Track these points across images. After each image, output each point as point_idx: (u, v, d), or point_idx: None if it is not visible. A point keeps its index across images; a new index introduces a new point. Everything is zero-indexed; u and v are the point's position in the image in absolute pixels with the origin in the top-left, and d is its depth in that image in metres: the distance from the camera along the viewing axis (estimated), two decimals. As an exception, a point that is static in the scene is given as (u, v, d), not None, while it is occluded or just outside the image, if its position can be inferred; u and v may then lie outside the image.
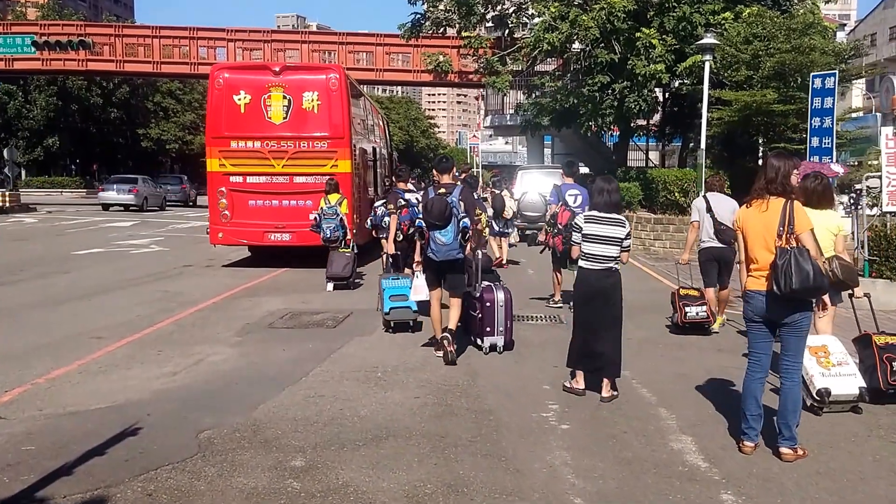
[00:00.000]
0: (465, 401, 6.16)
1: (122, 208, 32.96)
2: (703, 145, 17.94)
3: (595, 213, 6.32)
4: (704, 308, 8.73)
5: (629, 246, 6.31)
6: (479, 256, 8.57)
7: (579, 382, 6.43)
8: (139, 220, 27.81)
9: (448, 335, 7.35)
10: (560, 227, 9.36)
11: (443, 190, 7.39)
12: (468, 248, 7.62)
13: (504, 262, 14.69)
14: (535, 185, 19.02)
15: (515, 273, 14.04)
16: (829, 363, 5.87)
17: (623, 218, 6.31)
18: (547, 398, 6.28)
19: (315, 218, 11.98)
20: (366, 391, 6.37)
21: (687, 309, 8.68)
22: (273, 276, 13.22)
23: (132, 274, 13.42)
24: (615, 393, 6.30)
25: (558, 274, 10.39)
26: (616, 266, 6.30)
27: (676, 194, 19.09)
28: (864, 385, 5.80)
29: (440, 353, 7.42)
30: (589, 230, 6.23)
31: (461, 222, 7.31)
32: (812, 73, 11.29)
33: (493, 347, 7.73)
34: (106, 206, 32.83)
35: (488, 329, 7.68)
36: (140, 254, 16.84)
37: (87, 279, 12.81)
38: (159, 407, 5.83)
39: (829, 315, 6.21)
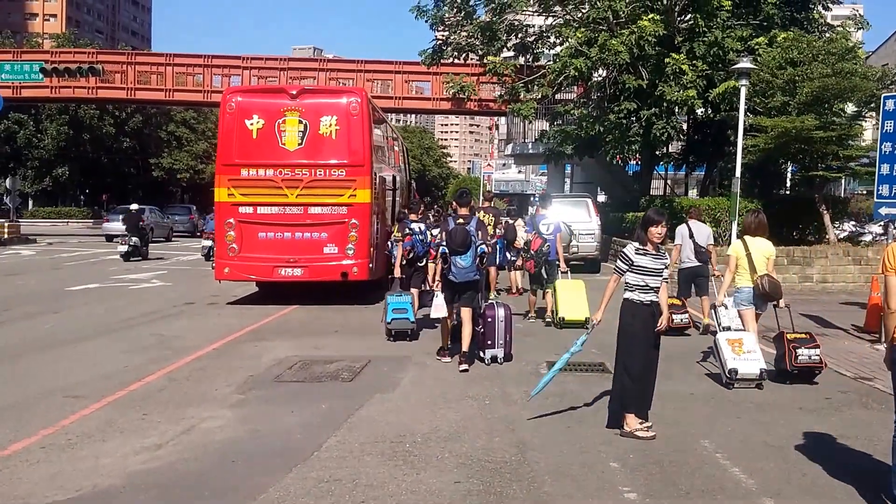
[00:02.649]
0: (517, 487, 4.92)
1: (127, 239, 31.96)
2: (737, 173, 16.86)
3: None
4: (686, 315, 10.23)
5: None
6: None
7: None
8: (144, 251, 26.75)
9: (466, 359, 8.23)
10: (532, 252, 11.19)
11: (461, 220, 8.36)
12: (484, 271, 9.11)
13: (517, 289, 14.45)
14: (559, 214, 17.95)
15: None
16: (741, 351, 7.53)
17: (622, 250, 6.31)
18: (619, 481, 5.04)
19: (390, 243, 12.16)
20: (392, 472, 5.13)
21: (673, 316, 9.56)
22: (282, 316, 12.06)
23: (127, 314, 12.26)
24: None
25: (533, 295, 11.74)
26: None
27: (708, 224, 17.89)
28: (765, 367, 7.53)
29: (446, 360, 8.49)
30: None
31: (478, 248, 8.39)
32: (884, 95, 10.18)
33: (493, 359, 8.45)
34: (110, 238, 31.84)
35: (489, 342, 8.45)
36: (139, 290, 15.69)
37: (77, 320, 11.66)
38: (133, 499, 4.61)
39: (753, 320, 8.01)
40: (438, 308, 8.60)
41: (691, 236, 10.47)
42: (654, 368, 6.18)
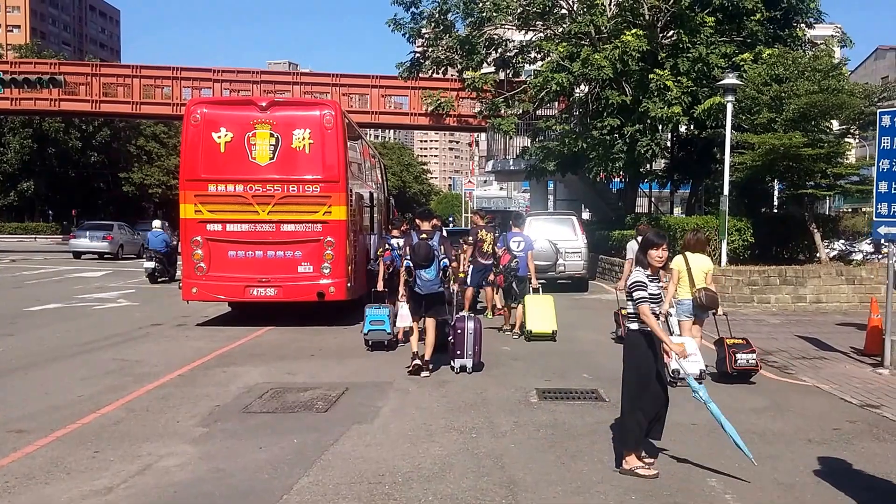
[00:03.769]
0: (510, 536, 4.39)
1: (95, 256, 31.01)
2: (726, 191, 16.63)
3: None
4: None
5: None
6: (454, 292, 11.04)
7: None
8: (111, 269, 25.89)
9: (429, 365, 8.77)
10: (501, 267, 11.69)
11: (424, 235, 8.80)
12: (448, 284, 9.82)
13: (501, 307, 13.45)
14: (544, 233, 17.56)
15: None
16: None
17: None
18: (623, 529, 4.52)
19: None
20: (371, 520, 4.58)
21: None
22: (255, 338, 11.44)
23: (89, 336, 11.56)
24: None
25: (506, 310, 12.12)
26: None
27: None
28: (704, 368, 8.14)
29: (425, 374, 8.64)
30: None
31: (441, 262, 8.80)
32: (879, 111, 9.85)
33: (462, 368, 8.83)
34: (77, 255, 30.90)
35: (458, 352, 8.85)
36: (104, 310, 14.93)
37: (33, 344, 10.92)
38: (72, 560, 4.01)
39: (698, 326, 8.83)
40: (403, 318, 9.33)
41: None
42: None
